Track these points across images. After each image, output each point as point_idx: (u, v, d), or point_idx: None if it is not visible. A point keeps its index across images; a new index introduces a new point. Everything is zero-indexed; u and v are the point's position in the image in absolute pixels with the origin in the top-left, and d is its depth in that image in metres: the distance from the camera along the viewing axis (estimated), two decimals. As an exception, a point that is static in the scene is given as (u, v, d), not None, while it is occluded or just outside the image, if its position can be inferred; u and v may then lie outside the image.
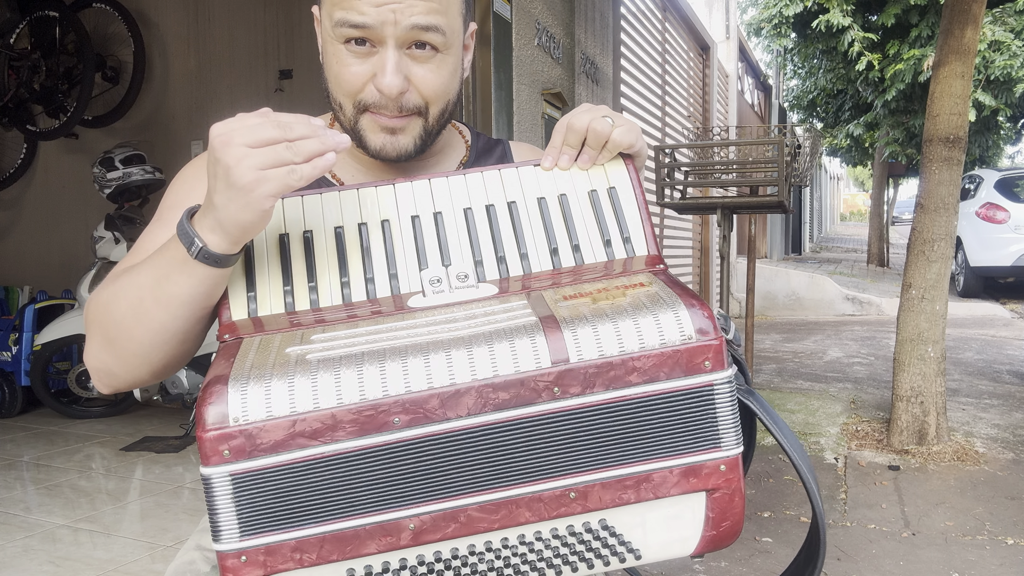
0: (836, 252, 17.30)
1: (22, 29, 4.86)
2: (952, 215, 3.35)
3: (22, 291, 5.03)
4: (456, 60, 0.90)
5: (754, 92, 13.01)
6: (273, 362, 0.64)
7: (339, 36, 0.84)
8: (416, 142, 0.89)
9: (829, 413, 4.04)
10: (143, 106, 5.08)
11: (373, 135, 0.88)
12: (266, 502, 0.61)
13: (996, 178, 9.05)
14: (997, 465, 3.20)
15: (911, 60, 8.26)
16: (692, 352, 0.64)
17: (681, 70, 7.45)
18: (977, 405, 4.17)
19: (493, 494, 0.63)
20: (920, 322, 3.37)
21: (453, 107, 0.92)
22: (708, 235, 7.97)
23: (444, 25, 0.84)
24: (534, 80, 3.73)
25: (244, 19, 4.83)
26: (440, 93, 0.88)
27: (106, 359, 0.81)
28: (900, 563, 2.32)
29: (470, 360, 0.62)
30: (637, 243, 0.81)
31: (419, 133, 0.88)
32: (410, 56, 0.85)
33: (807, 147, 4.09)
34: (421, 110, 0.87)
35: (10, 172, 5.40)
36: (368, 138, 0.88)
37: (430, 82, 0.86)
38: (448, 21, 0.85)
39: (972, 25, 3.25)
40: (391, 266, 0.79)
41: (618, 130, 0.82)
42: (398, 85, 0.84)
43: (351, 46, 0.84)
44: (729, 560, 2.35)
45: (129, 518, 2.80)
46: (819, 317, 8.55)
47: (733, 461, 0.66)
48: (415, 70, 0.85)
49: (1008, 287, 9.70)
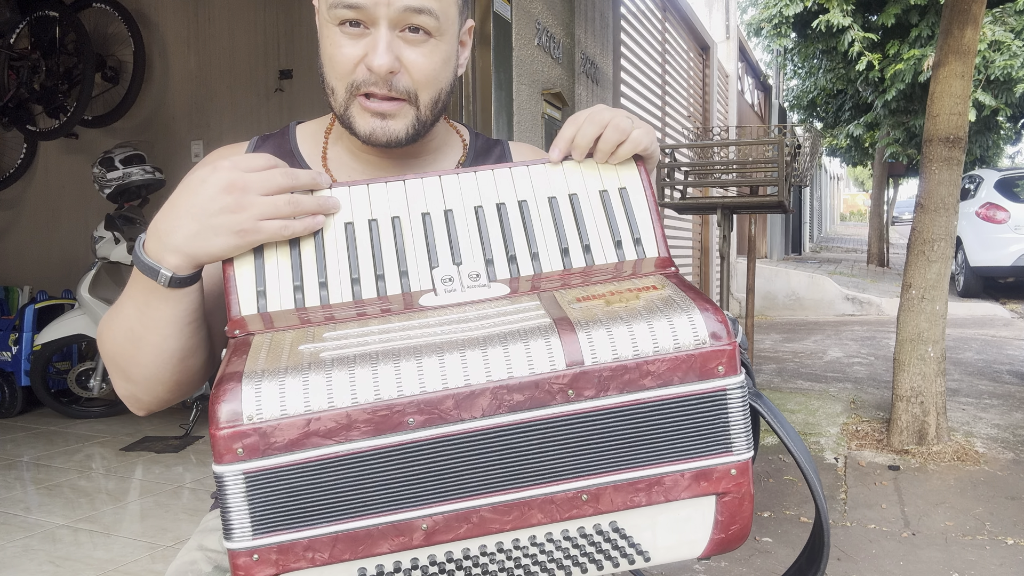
0: (836, 252, 17.30)
1: (22, 29, 4.86)
2: (952, 215, 3.35)
3: (22, 291, 5.03)
4: (449, 49, 0.89)
5: (754, 92, 13.01)
6: (287, 359, 0.63)
7: (333, 18, 0.85)
8: (408, 130, 0.88)
9: (829, 413, 4.04)
10: (143, 106, 5.08)
11: (363, 120, 0.88)
12: (279, 501, 0.60)
13: (996, 178, 9.05)
14: (997, 465, 3.20)
15: (911, 60, 8.26)
16: (706, 357, 0.64)
17: (681, 70, 7.45)
18: (977, 405, 4.17)
19: (506, 495, 0.63)
20: (920, 322, 3.37)
21: (446, 99, 0.92)
22: (708, 235, 7.97)
23: (437, 9, 0.85)
24: (534, 80, 3.73)
25: (244, 19, 4.83)
26: (431, 79, 0.88)
27: (127, 386, 0.85)
28: (900, 563, 2.32)
29: (484, 361, 0.62)
30: (648, 245, 0.81)
31: (411, 121, 0.88)
32: (403, 39, 0.85)
33: (807, 147, 4.09)
34: (411, 96, 0.87)
35: (10, 172, 5.40)
36: (358, 123, 0.88)
37: (421, 66, 0.86)
38: (442, 6, 0.86)
39: (972, 25, 3.25)
40: (402, 263, 0.78)
41: (637, 131, 0.82)
42: (388, 63, 0.84)
43: (345, 28, 0.85)
44: (729, 560, 2.35)
45: (129, 518, 2.80)
46: (819, 317, 8.55)
47: (744, 465, 0.66)
48: (407, 53, 0.86)
49: (1008, 287, 9.70)
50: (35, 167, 5.49)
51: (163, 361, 0.81)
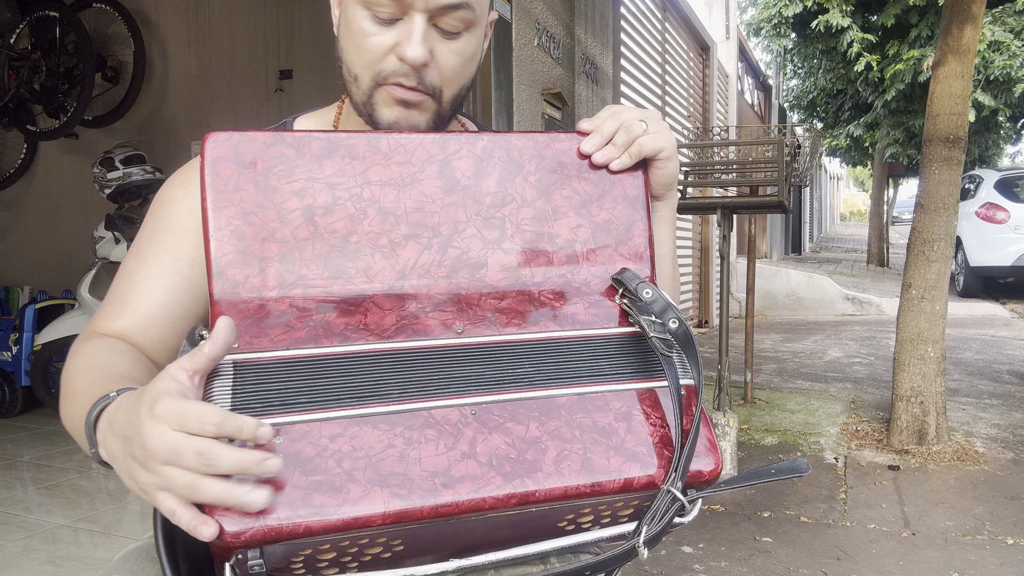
0: (836, 252, 17.30)
1: (22, 29, 4.86)
2: (952, 215, 3.35)
3: (22, 291, 5.03)
4: (478, 44, 0.86)
5: (754, 92, 13.00)
6: None
7: (364, 2, 0.81)
8: (428, 124, 0.85)
9: (829, 413, 4.04)
10: (143, 106, 5.08)
11: (387, 108, 0.83)
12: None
13: (996, 178, 9.05)
14: (997, 465, 3.20)
15: (911, 60, 8.26)
16: None
17: (681, 70, 7.45)
18: (977, 405, 4.17)
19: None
20: (920, 322, 3.37)
21: (465, 95, 0.89)
22: (708, 235, 7.97)
23: (475, 2, 0.82)
24: (534, 80, 3.73)
25: (244, 19, 4.83)
26: (458, 75, 0.85)
27: None
28: (900, 563, 2.32)
29: None
30: None
31: (432, 116, 0.85)
32: (437, 31, 0.82)
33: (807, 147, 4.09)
34: (436, 91, 0.84)
35: (10, 172, 5.40)
36: (381, 112, 0.84)
37: (452, 63, 0.83)
38: None
39: (971, 25, 3.25)
40: None
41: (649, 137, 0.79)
42: (423, 56, 0.80)
43: (377, 11, 0.80)
44: (729, 560, 2.35)
45: (129, 518, 2.80)
46: (819, 317, 8.55)
47: None
48: (439, 47, 0.82)
49: (1008, 287, 9.70)
50: (35, 167, 5.49)
51: None
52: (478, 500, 0.62)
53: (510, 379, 0.68)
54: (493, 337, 0.70)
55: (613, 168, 0.79)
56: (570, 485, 0.64)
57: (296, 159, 0.71)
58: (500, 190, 0.75)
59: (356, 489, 0.60)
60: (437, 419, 0.64)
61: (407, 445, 0.63)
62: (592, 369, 0.71)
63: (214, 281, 0.68)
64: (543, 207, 0.76)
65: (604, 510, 0.68)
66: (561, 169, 0.78)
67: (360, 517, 0.59)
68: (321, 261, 0.70)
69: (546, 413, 0.67)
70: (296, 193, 0.70)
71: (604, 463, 0.66)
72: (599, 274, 0.77)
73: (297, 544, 0.59)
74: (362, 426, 0.63)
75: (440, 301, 0.71)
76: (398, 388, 0.65)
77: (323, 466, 0.60)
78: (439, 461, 0.62)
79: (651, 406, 0.70)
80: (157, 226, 0.88)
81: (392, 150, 0.73)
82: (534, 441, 0.65)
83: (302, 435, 0.61)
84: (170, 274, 0.86)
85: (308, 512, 0.58)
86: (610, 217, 0.78)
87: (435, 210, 0.73)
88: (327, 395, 0.64)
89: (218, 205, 0.68)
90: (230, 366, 0.64)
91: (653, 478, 0.66)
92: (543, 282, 0.75)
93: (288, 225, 0.70)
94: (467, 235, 0.74)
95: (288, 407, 0.62)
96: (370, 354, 0.67)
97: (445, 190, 0.74)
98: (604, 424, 0.67)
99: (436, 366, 0.67)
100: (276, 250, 0.69)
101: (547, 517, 0.67)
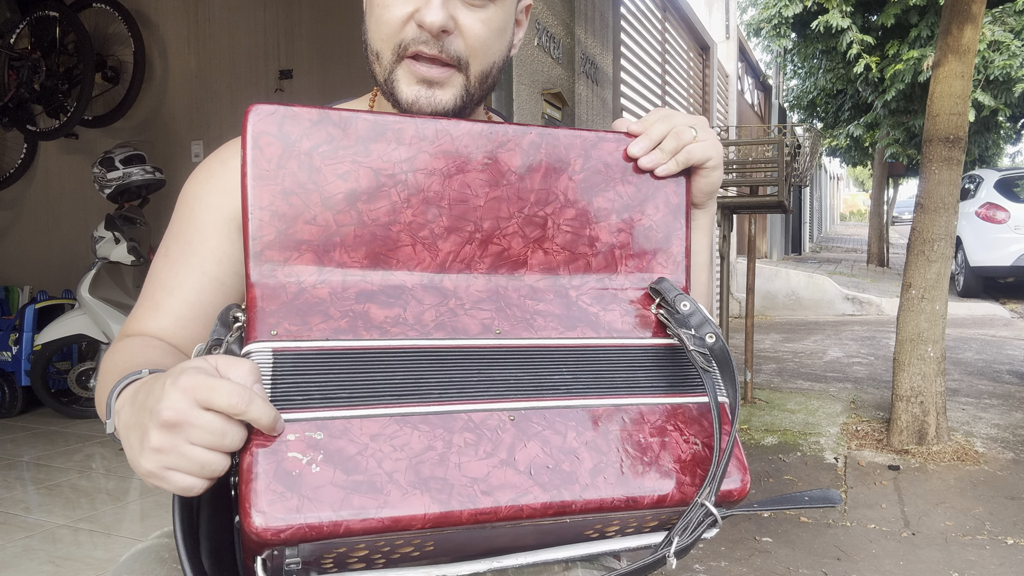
0: (836, 252, 17.30)
1: (22, 29, 4.86)
2: (952, 215, 3.35)
3: (22, 291, 5.03)
4: (507, 19, 0.84)
5: (754, 92, 13.01)
6: None
7: None
8: (455, 101, 0.81)
9: (829, 413, 4.04)
10: (143, 106, 5.08)
11: (408, 87, 0.81)
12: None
13: (996, 178, 9.05)
14: (997, 465, 3.20)
15: (911, 60, 8.26)
16: None
17: (681, 70, 7.45)
18: (977, 405, 4.17)
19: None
20: (920, 322, 3.37)
21: (497, 75, 0.86)
22: (708, 235, 7.96)
23: None
24: (534, 80, 3.73)
25: (244, 19, 4.83)
26: (485, 46, 0.82)
27: None
28: (900, 563, 2.32)
29: None
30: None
31: (459, 92, 0.82)
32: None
33: (807, 147, 4.09)
34: (462, 62, 0.81)
35: (10, 172, 5.40)
36: (402, 89, 0.81)
37: (478, 31, 0.80)
38: None
39: (971, 25, 3.25)
40: None
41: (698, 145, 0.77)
42: (442, 19, 0.77)
43: None
44: (729, 560, 2.35)
45: (129, 518, 2.80)
46: (819, 317, 8.55)
47: None
48: (462, 15, 0.80)
49: (1008, 287, 9.70)
50: (35, 167, 5.49)
51: None
52: (516, 509, 0.61)
53: (548, 386, 0.67)
54: (531, 341, 0.69)
55: (659, 174, 0.78)
56: (606, 498, 0.63)
57: (342, 139, 0.68)
58: (545, 187, 0.74)
59: (396, 491, 0.59)
60: (476, 423, 0.63)
61: (447, 448, 0.61)
62: (629, 380, 0.70)
63: (251, 262, 0.65)
64: (585, 208, 0.75)
65: (632, 521, 0.68)
66: (606, 170, 0.76)
67: (401, 520, 0.58)
68: (362, 249, 0.68)
69: (583, 423, 0.66)
70: (341, 176, 0.68)
71: (639, 478, 0.65)
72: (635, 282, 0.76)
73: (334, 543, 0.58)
74: (402, 426, 0.61)
75: (479, 299, 0.70)
76: (438, 388, 0.64)
77: (364, 465, 0.59)
78: (478, 467, 0.61)
79: (685, 422, 0.69)
80: (182, 224, 0.88)
81: (439, 137, 0.71)
82: (571, 451, 0.64)
83: (342, 432, 0.60)
84: (198, 274, 0.85)
85: (349, 512, 0.57)
86: (651, 224, 0.77)
87: (479, 203, 0.71)
88: (368, 391, 0.62)
89: (259, 182, 0.66)
90: (269, 354, 0.62)
91: (686, 496, 0.66)
92: (581, 286, 0.74)
93: (331, 209, 0.67)
94: (509, 232, 0.72)
95: (329, 402, 0.61)
96: (411, 350, 0.65)
97: (490, 183, 0.72)
98: (639, 438, 0.67)
99: (475, 368, 0.66)
100: (317, 234, 0.67)
101: (577, 527, 0.66)
